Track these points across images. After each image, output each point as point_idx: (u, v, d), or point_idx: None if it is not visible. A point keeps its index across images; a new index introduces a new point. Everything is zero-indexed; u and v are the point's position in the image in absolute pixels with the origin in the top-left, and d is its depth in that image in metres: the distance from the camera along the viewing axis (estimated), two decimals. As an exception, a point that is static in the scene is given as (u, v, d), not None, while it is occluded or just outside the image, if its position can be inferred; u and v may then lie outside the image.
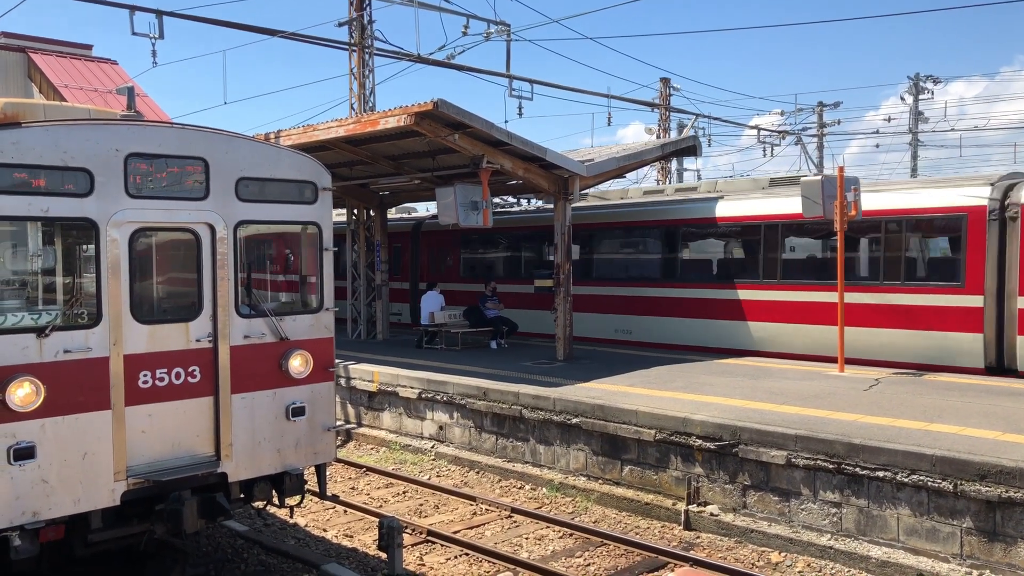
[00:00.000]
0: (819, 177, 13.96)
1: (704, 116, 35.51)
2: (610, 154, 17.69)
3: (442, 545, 9.76)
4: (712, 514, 10.07)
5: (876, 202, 14.78)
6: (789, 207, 15.77)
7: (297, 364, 7.65)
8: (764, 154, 38.21)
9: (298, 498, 7.87)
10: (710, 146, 40.05)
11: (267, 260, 8.22)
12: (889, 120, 45.22)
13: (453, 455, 13.47)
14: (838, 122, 43.24)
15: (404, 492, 12.06)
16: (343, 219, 21.41)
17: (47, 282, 6.93)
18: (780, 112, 41.51)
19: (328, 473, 9.26)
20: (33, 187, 6.21)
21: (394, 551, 8.53)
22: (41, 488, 6.23)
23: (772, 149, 38.00)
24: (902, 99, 43.15)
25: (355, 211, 20.81)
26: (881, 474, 8.80)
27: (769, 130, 38.34)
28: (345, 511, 11.06)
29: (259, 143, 7.92)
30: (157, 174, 6.87)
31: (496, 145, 14.58)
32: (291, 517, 9.28)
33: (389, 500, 11.70)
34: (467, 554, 9.47)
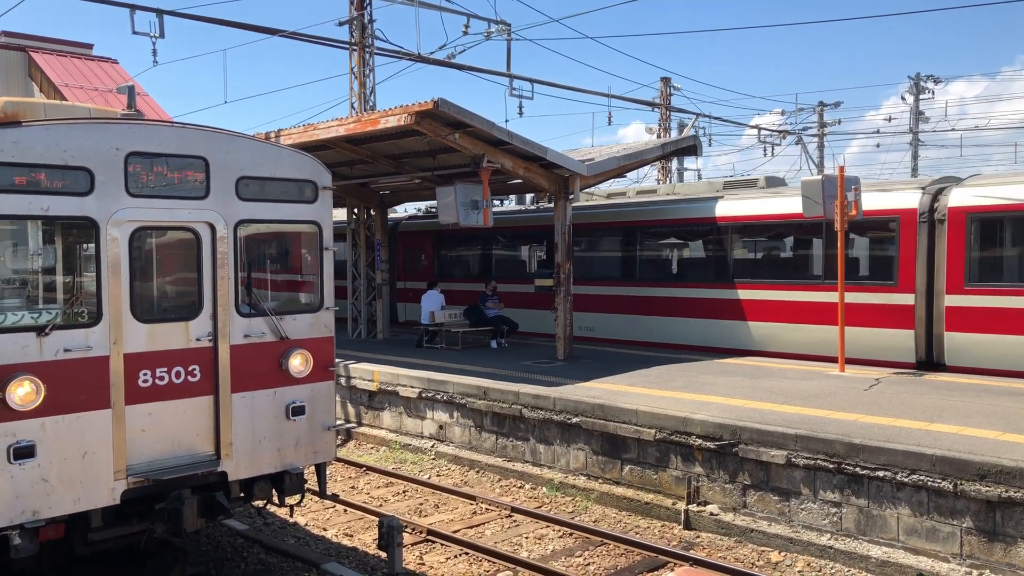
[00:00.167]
0: (820, 177, 14.02)
1: (705, 116, 35.55)
2: (610, 153, 17.69)
3: (442, 544, 9.77)
4: (712, 513, 10.07)
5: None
6: (739, 209, 16.64)
7: (297, 363, 7.66)
8: (765, 154, 38.26)
9: (298, 497, 7.87)
10: (711, 146, 40.09)
11: (267, 259, 8.22)
12: (890, 120, 45.25)
13: (453, 454, 13.47)
14: (839, 122, 43.36)
15: (404, 491, 12.06)
16: (343, 218, 21.42)
17: (47, 281, 6.93)
18: (781, 112, 41.58)
19: (328, 472, 9.27)
20: (33, 186, 6.21)
21: (394, 550, 8.54)
22: (41, 487, 6.23)
23: (773, 149, 38.02)
24: (903, 99, 43.17)
25: (355, 210, 20.82)
26: (881, 474, 8.80)
27: (770, 130, 38.35)
28: (345, 510, 11.06)
29: (259, 142, 7.92)
30: (157, 173, 6.87)
31: (496, 144, 14.58)
32: (291, 516, 9.28)
33: (389, 499, 11.70)
34: (467, 553, 9.47)
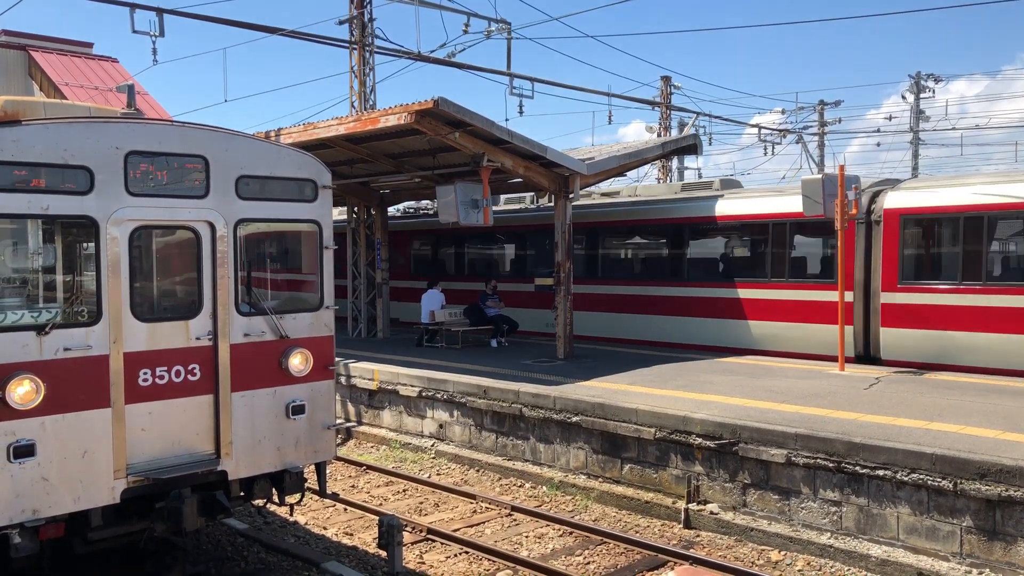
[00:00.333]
0: (820, 176, 14.04)
1: (705, 115, 35.51)
2: (611, 152, 17.70)
3: (442, 543, 9.77)
4: (712, 512, 10.07)
5: (766, 206, 16.49)
6: (695, 211, 17.68)
7: (297, 362, 7.66)
8: (765, 153, 38.20)
9: (298, 496, 7.87)
10: (711, 144, 39.93)
11: (267, 258, 8.21)
12: (890, 119, 44.98)
13: (453, 453, 13.47)
14: (839, 120, 43.42)
15: (404, 490, 12.06)
16: (343, 217, 21.42)
17: (47, 280, 6.93)
18: (781, 110, 41.65)
19: (328, 471, 9.27)
20: (33, 185, 6.22)
21: (394, 549, 8.55)
22: (41, 486, 6.23)
23: (773, 148, 38.01)
24: (903, 97, 43.10)
25: (355, 209, 20.81)
26: (881, 473, 8.80)
27: (770, 128, 38.33)
28: (345, 509, 11.06)
29: (259, 141, 7.92)
30: (157, 172, 6.87)
31: (497, 143, 14.58)
32: (291, 515, 9.28)
33: (389, 498, 11.71)
34: (467, 552, 9.47)
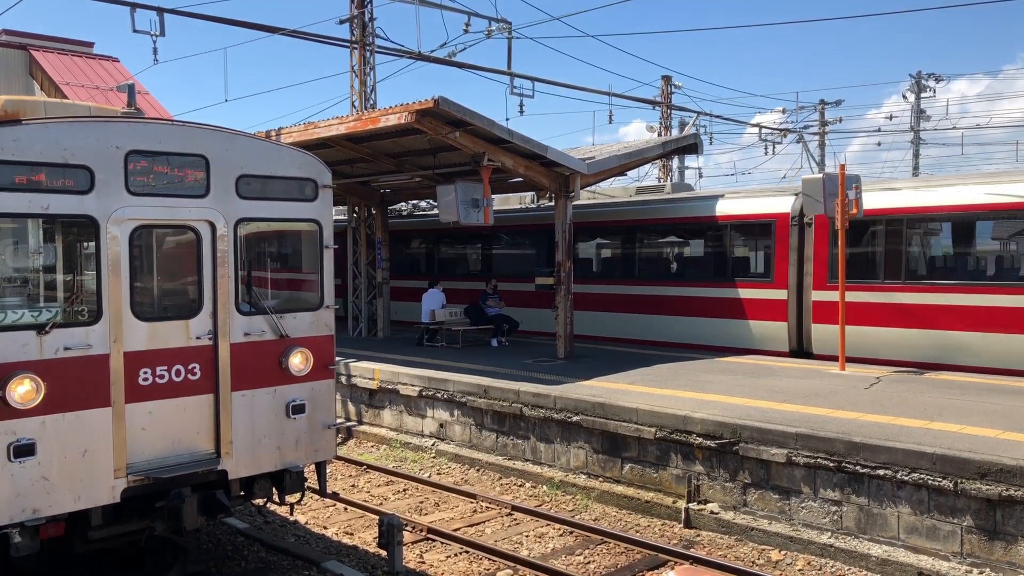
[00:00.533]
0: (821, 176, 14.03)
1: (706, 114, 35.30)
2: (611, 152, 17.70)
3: (442, 543, 9.77)
4: (712, 512, 10.07)
5: (714, 208, 17.42)
6: (651, 213, 18.60)
7: (297, 362, 7.65)
8: (766, 152, 38.11)
9: (298, 495, 7.87)
10: (711, 144, 39.93)
11: (267, 257, 8.21)
12: (891, 118, 44.92)
13: (453, 453, 13.47)
14: (840, 120, 43.39)
15: (404, 490, 12.07)
16: (344, 217, 21.42)
17: (47, 279, 6.93)
18: (782, 110, 41.63)
19: (328, 471, 9.27)
20: (33, 184, 6.21)
21: (394, 549, 8.55)
22: (41, 485, 6.23)
23: (774, 147, 37.95)
24: (904, 97, 43.07)
25: (356, 209, 20.81)
26: (881, 472, 8.80)
27: (771, 128, 38.29)
28: (345, 509, 11.06)
29: (260, 140, 7.92)
30: (158, 171, 6.87)
31: (497, 143, 14.58)
32: (291, 514, 9.27)
33: (389, 498, 11.71)
34: (467, 552, 9.47)
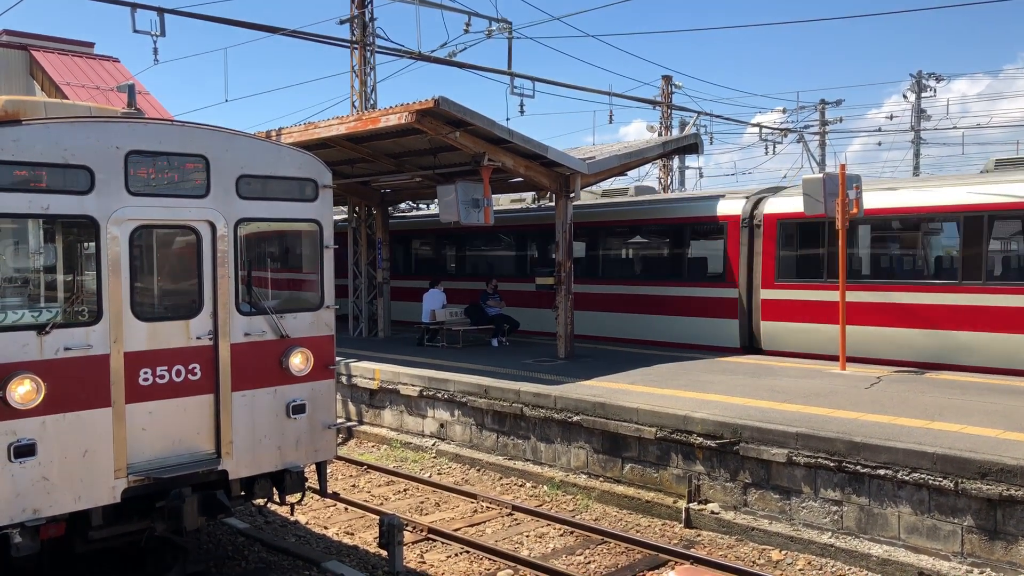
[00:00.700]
0: (821, 175, 14.02)
1: (706, 114, 35.26)
2: (612, 152, 17.69)
3: (443, 543, 9.77)
4: (713, 512, 10.07)
5: (672, 211, 18.25)
6: (615, 215, 19.29)
7: (298, 362, 7.65)
8: (766, 152, 38.10)
9: (299, 496, 7.87)
10: (712, 144, 39.95)
11: (268, 257, 8.22)
12: (891, 118, 45.07)
13: (454, 453, 13.47)
14: (840, 120, 43.38)
15: (405, 490, 12.06)
16: (344, 217, 21.41)
17: (48, 279, 6.93)
18: (782, 110, 41.61)
19: (329, 471, 9.27)
20: (34, 184, 6.22)
21: (395, 549, 8.55)
22: (42, 485, 6.24)
23: (774, 147, 37.94)
24: (904, 97, 43.10)
25: (356, 209, 20.81)
26: (882, 472, 8.80)
27: (771, 128, 38.27)
28: (346, 509, 11.06)
29: (260, 140, 7.92)
30: (158, 171, 6.87)
31: (497, 143, 14.57)
32: (292, 515, 9.28)
33: (390, 498, 11.71)
34: (468, 552, 9.47)
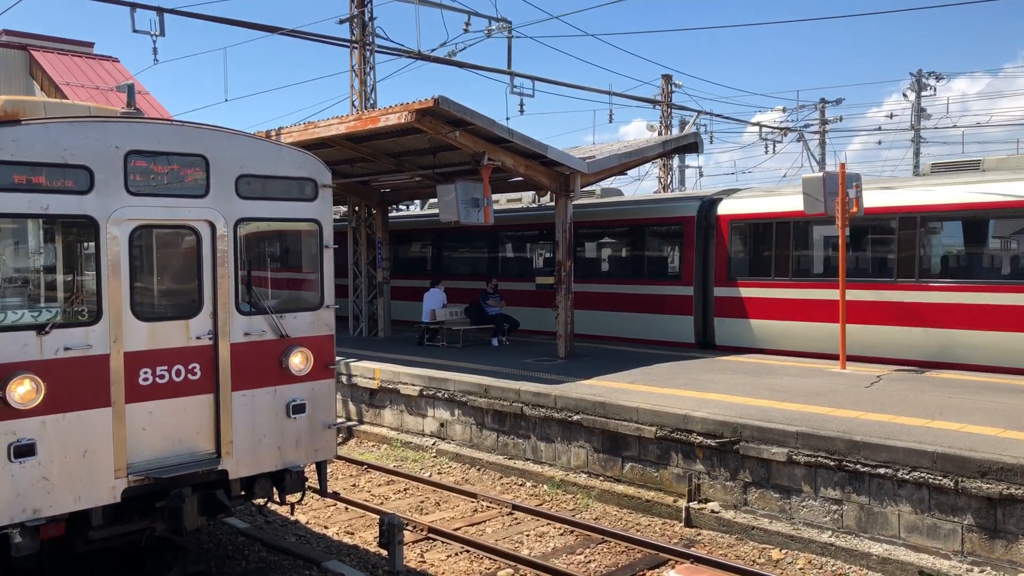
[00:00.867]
0: (821, 174, 14.02)
1: (706, 113, 35.19)
2: (611, 151, 17.69)
3: (443, 542, 9.77)
4: (713, 511, 10.07)
5: (635, 212, 18.98)
6: (583, 216, 19.47)
7: (298, 361, 7.65)
8: (766, 151, 37.99)
9: (299, 495, 7.86)
10: (712, 143, 40.04)
11: (267, 257, 8.21)
12: (891, 117, 44.95)
13: (454, 452, 13.47)
14: (840, 119, 43.43)
15: (405, 489, 12.06)
16: (344, 217, 21.41)
17: (47, 279, 6.93)
18: (782, 109, 41.52)
19: (329, 470, 9.27)
20: (33, 184, 6.21)
21: (395, 548, 8.55)
22: (42, 485, 6.23)
23: (774, 146, 37.87)
24: (904, 96, 43.07)
25: (356, 208, 20.81)
26: (882, 471, 8.80)
27: (771, 127, 38.21)
28: (346, 508, 11.06)
29: (259, 140, 7.92)
30: (157, 171, 6.87)
31: (497, 142, 14.57)
32: (292, 514, 9.27)
33: (390, 497, 11.71)
34: (468, 551, 9.47)
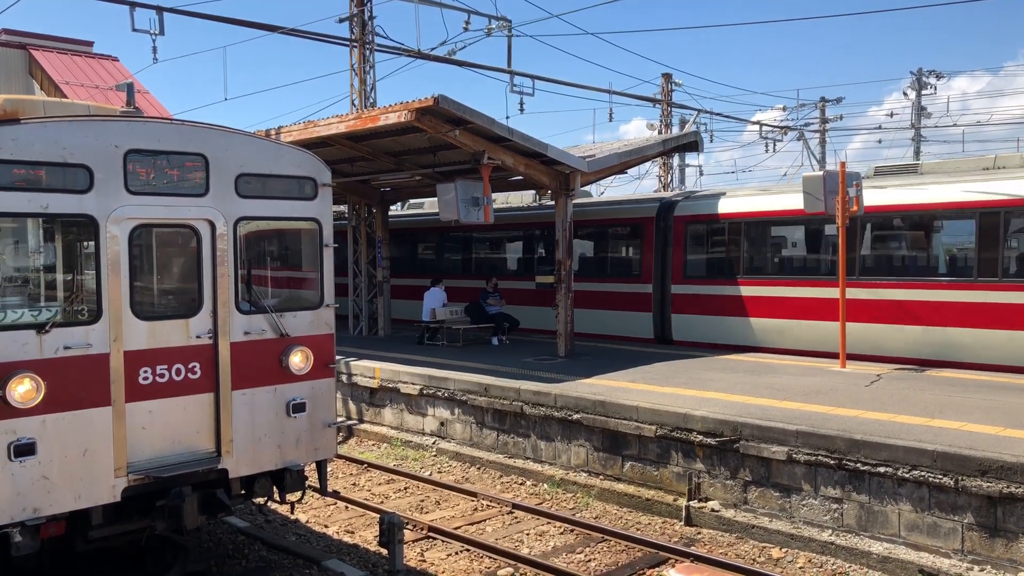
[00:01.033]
0: (821, 173, 14.01)
1: (706, 112, 35.21)
2: (611, 150, 17.69)
3: (443, 541, 9.77)
4: (713, 510, 10.07)
5: (599, 212, 19.78)
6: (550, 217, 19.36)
7: (298, 360, 7.65)
8: (766, 150, 37.98)
9: (299, 494, 7.87)
10: (712, 142, 40.00)
11: (267, 256, 8.21)
12: (892, 115, 44.96)
13: (454, 451, 13.47)
14: (840, 117, 43.39)
15: (405, 488, 12.07)
16: (343, 217, 21.40)
17: (47, 279, 6.92)
18: (782, 107, 41.57)
19: (329, 469, 9.27)
20: (33, 183, 6.21)
21: (395, 547, 8.55)
22: (42, 484, 6.23)
23: (774, 145, 37.87)
24: (905, 94, 43.06)
25: (356, 207, 20.81)
26: (882, 470, 8.80)
27: (771, 125, 38.20)
28: (346, 507, 11.06)
29: (259, 139, 7.92)
30: (157, 170, 6.86)
31: (497, 141, 14.57)
32: (292, 513, 9.28)
33: (390, 496, 11.71)
34: (468, 550, 9.47)
